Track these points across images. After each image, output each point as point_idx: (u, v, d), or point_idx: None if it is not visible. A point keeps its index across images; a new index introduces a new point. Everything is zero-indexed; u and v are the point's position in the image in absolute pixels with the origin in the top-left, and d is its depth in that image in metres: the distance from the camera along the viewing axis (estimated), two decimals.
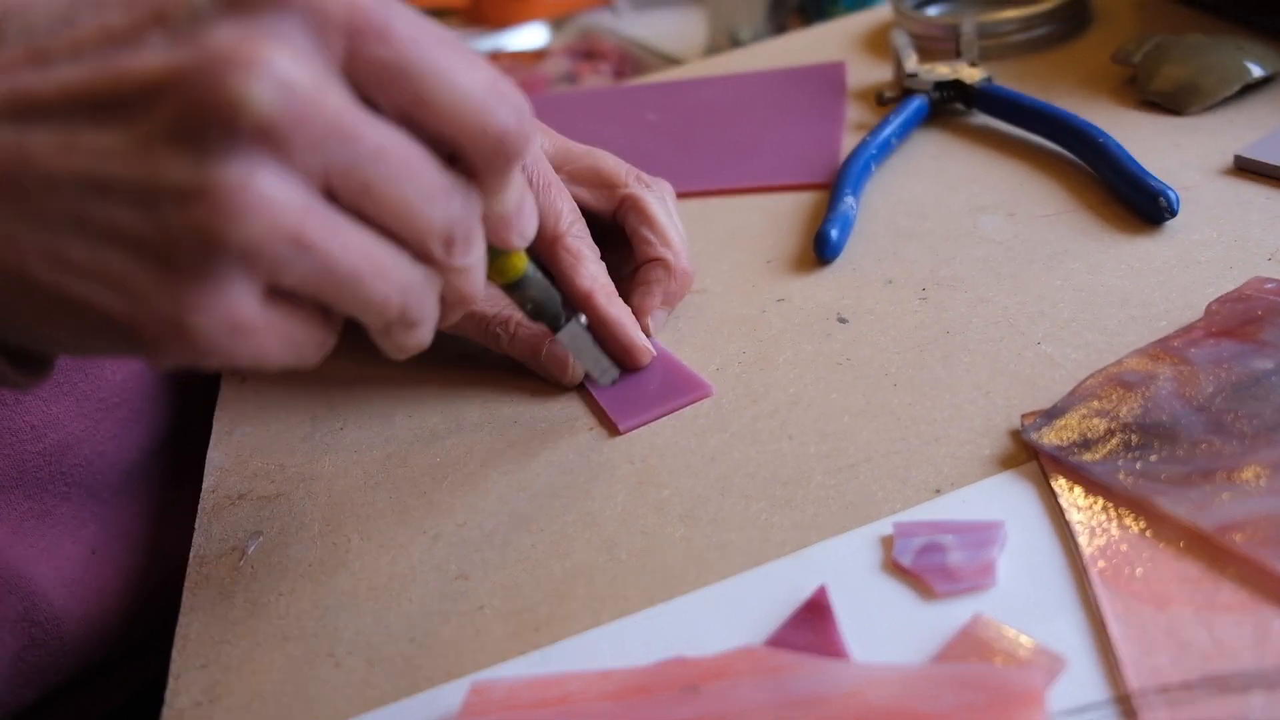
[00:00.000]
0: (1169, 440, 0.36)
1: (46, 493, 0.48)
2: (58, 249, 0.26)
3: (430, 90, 0.28)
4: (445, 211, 0.30)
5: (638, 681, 0.32)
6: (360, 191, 0.28)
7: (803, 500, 0.38)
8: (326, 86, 0.27)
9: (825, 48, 0.75)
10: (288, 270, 0.27)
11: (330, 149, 0.27)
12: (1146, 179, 0.48)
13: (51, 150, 0.26)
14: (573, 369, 0.46)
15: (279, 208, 0.26)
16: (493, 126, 0.29)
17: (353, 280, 0.28)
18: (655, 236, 0.48)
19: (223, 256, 0.26)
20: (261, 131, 0.25)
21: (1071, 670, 0.30)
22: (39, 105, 0.26)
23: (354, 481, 0.45)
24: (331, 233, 0.28)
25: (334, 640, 0.38)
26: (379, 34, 0.27)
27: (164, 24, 0.26)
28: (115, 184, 0.26)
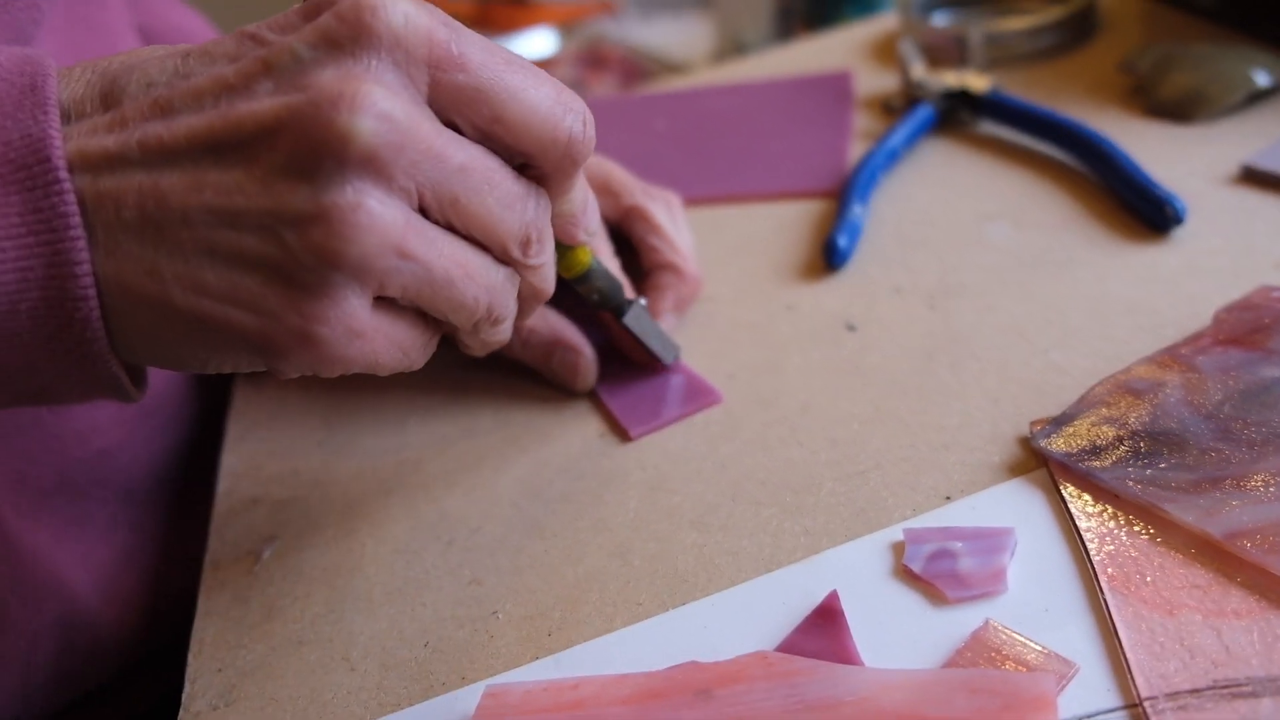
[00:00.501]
0: (1178, 447, 0.36)
1: (86, 498, 0.49)
2: (195, 276, 0.30)
3: (504, 108, 0.31)
4: (521, 216, 0.33)
5: (651, 686, 0.32)
6: (449, 204, 0.31)
7: (813, 507, 0.39)
8: (417, 114, 0.30)
9: (832, 55, 0.75)
10: (394, 279, 0.31)
11: (423, 169, 0.30)
12: (1153, 187, 0.49)
13: (182, 189, 0.29)
14: (584, 375, 0.46)
15: (385, 225, 0.29)
16: (561, 135, 0.33)
17: (447, 284, 0.32)
18: (663, 243, 0.49)
19: (340, 271, 0.29)
20: (367, 159, 0.29)
21: (1082, 676, 0.31)
22: (168, 150, 0.29)
23: (368, 487, 0.45)
24: (428, 243, 0.31)
25: (349, 645, 0.38)
26: (456, 63, 0.31)
27: (271, 72, 0.30)
28: (241, 215, 0.29)
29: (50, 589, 0.47)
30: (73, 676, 0.49)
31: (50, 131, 0.29)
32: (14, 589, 0.45)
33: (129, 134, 0.30)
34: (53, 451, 0.47)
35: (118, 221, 0.29)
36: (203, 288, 0.30)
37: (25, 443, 0.46)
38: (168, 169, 0.29)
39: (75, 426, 0.47)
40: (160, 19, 0.62)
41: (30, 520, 0.46)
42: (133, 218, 0.29)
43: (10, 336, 0.30)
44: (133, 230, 0.29)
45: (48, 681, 0.48)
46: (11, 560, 0.45)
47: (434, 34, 0.30)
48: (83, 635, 0.48)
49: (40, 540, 0.46)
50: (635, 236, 0.50)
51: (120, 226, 0.29)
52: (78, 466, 0.48)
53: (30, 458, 0.46)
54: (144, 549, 0.51)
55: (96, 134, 0.30)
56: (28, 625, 0.46)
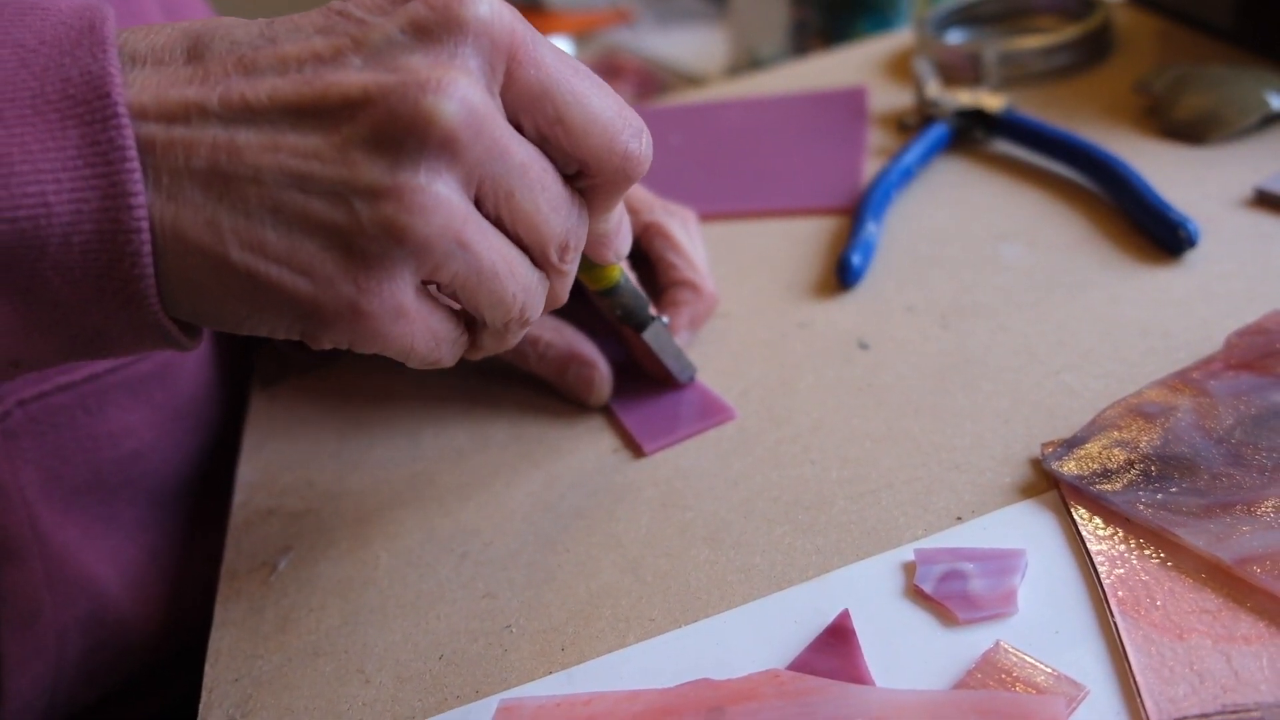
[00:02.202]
0: (1188, 472, 0.36)
1: (117, 498, 0.50)
2: (255, 233, 0.30)
3: (568, 111, 0.32)
4: (565, 221, 0.34)
5: (664, 702, 0.33)
6: (505, 198, 0.32)
7: (825, 525, 0.39)
8: (493, 106, 0.31)
9: (846, 71, 0.75)
10: (447, 264, 0.31)
11: (489, 161, 0.31)
12: (1166, 210, 0.49)
13: (258, 147, 0.30)
14: (598, 390, 0.47)
15: (452, 209, 0.30)
16: (619, 147, 0.33)
17: (493, 276, 0.32)
18: (681, 260, 0.50)
19: (403, 247, 0.30)
20: (446, 143, 0.30)
21: (1091, 699, 0.31)
22: (249, 108, 0.30)
23: (382, 499, 0.46)
24: (482, 234, 0.32)
25: (364, 656, 0.38)
26: (533, 59, 0.32)
27: (362, 49, 0.30)
28: (313, 180, 0.30)
29: (80, 585, 0.48)
30: (100, 672, 0.50)
31: (110, 69, 0.30)
32: (47, 583, 0.46)
33: (210, 87, 0.30)
34: (86, 451, 0.48)
35: (186, 169, 0.30)
36: (261, 246, 0.30)
37: (60, 441, 0.47)
38: (245, 126, 0.30)
39: (108, 427, 0.48)
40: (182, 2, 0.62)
41: (62, 517, 0.47)
42: (202, 167, 0.30)
43: (65, 270, 0.29)
44: (200, 179, 0.30)
45: (77, 676, 0.49)
46: (44, 555, 0.46)
47: (516, 28, 0.31)
48: (110, 632, 0.49)
49: (71, 537, 0.47)
50: (654, 253, 0.51)
51: (188, 174, 0.30)
52: (109, 466, 0.49)
53: (64, 456, 0.47)
54: (170, 550, 0.52)
55: (177, 85, 0.30)
56: (58, 619, 0.47)
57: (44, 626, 0.47)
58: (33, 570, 0.46)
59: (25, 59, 0.30)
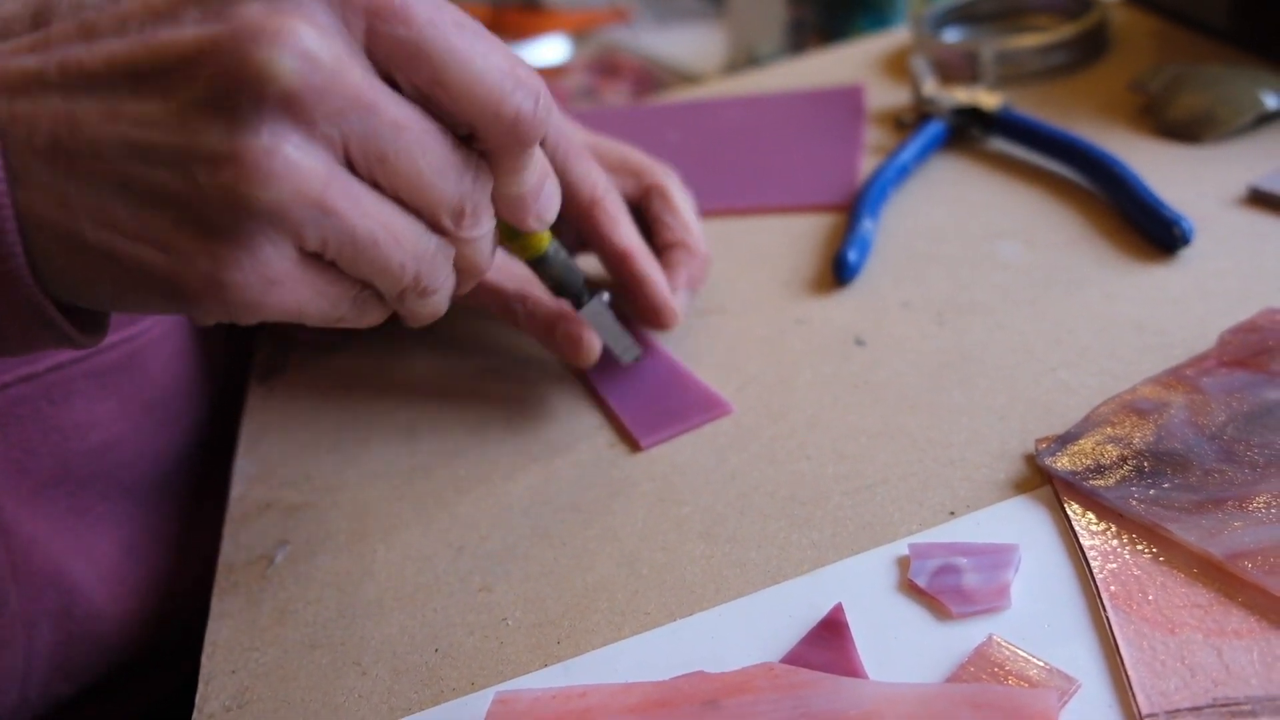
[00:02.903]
0: (1181, 468, 0.37)
1: (87, 491, 0.49)
2: (105, 209, 0.28)
3: (447, 71, 0.30)
4: (457, 186, 0.31)
5: (659, 695, 0.33)
6: (378, 161, 0.30)
7: (820, 520, 0.39)
8: (348, 61, 0.28)
9: (844, 69, 0.76)
10: (311, 232, 0.29)
11: (350, 120, 0.28)
12: (1161, 208, 0.49)
13: (97, 117, 0.28)
14: (586, 348, 0.46)
15: (303, 173, 0.28)
16: (507, 110, 0.31)
17: (370, 244, 0.30)
18: (677, 222, 0.51)
19: (253, 217, 0.28)
20: (286, 100, 0.27)
21: (1083, 692, 0.31)
22: (87, 76, 0.28)
23: (379, 493, 0.46)
24: (352, 200, 0.29)
25: (360, 649, 0.39)
26: (399, 15, 0.29)
27: (200, 0, 0.28)
28: (155, 149, 0.28)
29: (48, 577, 0.47)
30: (75, 666, 0.50)
31: None
32: (12, 574, 0.46)
33: (49, 56, 0.28)
34: (52, 442, 0.47)
35: (29, 147, 0.28)
36: (114, 223, 0.28)
37: (24, 432, 0.46)
38: (84, 95, 0.28)
39: (75, 419, 0.48)
40: None
41: (29, 509, 0.47)
42: (44, 144, 0.28)
43: None
44: (44, 157, 0.28)
45: (50, 668, 0.48)
46: (9, 547, 0.46)
47: None
48: (83, 626, 0.49)
49: (39, 530, 0.47)
50: (651, 213, 0.51)
51: (31, 152, 0.28)
52: (78, 458, 0.48)
53: (29, 448, 0.46)
54: (149, 545, 0.52)
55: (19, 55, 0.29)
56: (26, 610, 0.47)
57: (9, 617, 0.46)
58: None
59: None
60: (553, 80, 1.46)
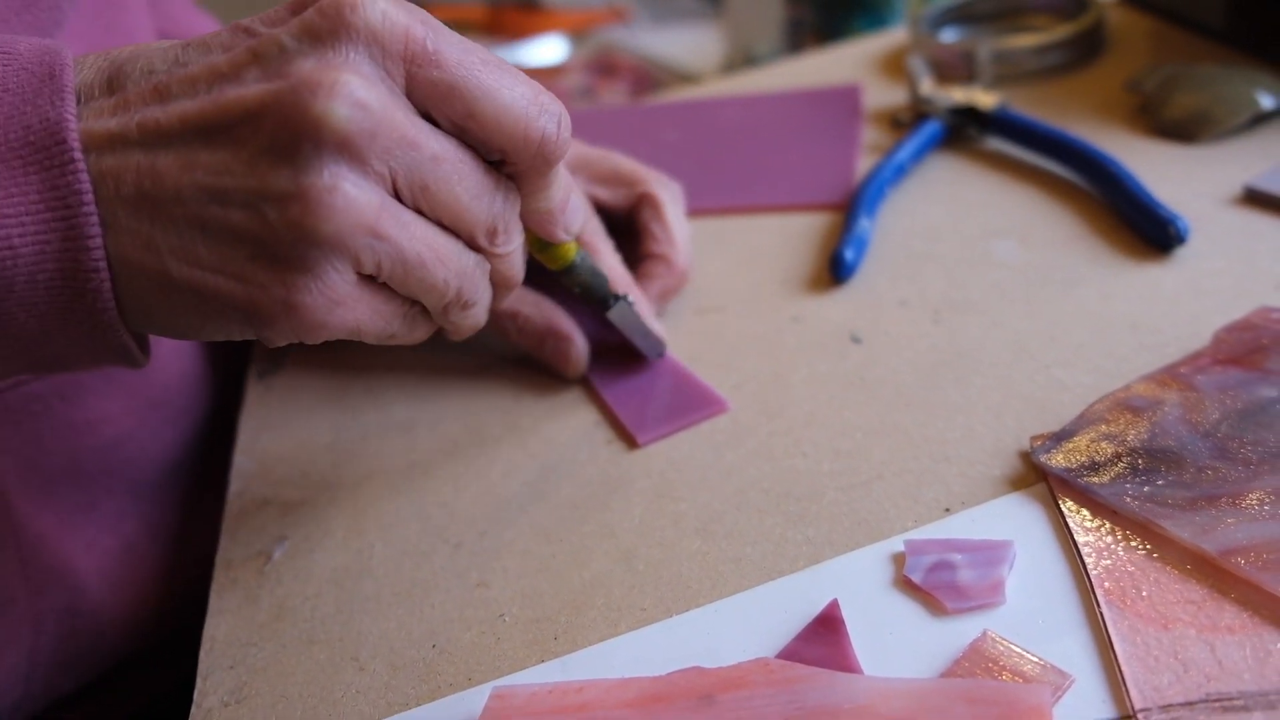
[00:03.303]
0: (1175, 465, 0.37)
1: (94, 486, 0.50)
2: (187, 248, 0.32)
3: (478, 105, 0.34)
4: (489, 207, 0.35)
5: (655, 690, 0.33)
6: (421, 190, 0.33)
7: (816, 516, 0.39)
8: (391, 104, 0.32)
9: (841, 69, 0.76)
10: (368, 256, 0.33)
11: (396, 156, 0.32)
12: (1156, 207, 0.49)
13: (176, 168, 0.32)
14: (574, 361, 0.48)
15: (359, 206, 0.32)
16: (533, 134, 0.34)
17: (418, 264, 0.34)
18: (662, 233, 0.51)
19: (317, 246, 0.32)
20: (342, 143, 0.31)
21: (1077, 687, 0.31)
22: (163, 133, 0.32)
23: (377, 490, 0.46)
24: (400, 225, 0.33)
25: (358, 645, 0.39)
26: (432, 60, 0.33)
27: (258, 61, 0.32)
28: (229, 193, 0.31)
29: (55, 574, 0.48)
30: (77, 663, 0.50)
31: (67, 116, 0.31)
32: (20, 571, 0.47)
33: (129, 116, 0.32)
34: (62, 439, 0.48)
35: (117, 197, 0.31)
36: (196, 259, 0.32)
37: (36, 428, 0.47)
38: (163, 150, 0.32)
39: (85, 415, 0.49)
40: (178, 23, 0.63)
41: (38, 505, 0.47)
42: (130, 194, 0.31)
43: (29, 305, 0.32)
44: (130, 206, 0.31)
45: (52, 665, 0.49)
46: (18, 543, 0.46)
47: (410, 30, 0.32)
48: (86, 622, 0.50)
49: (47, 525, 0.48)
50: (640, 222, 0.52)
51: (119, 202, 0.32)
52: (87, 455, 0.49)
53: (40, 444, 0.47)
54: (150, 542, 0.52)
55: (101, 116, 0.32)
56: (33, 608, 0.47)
57: (19, 615, 0.47)
58: (8, 559, 0.46)
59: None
60: (551, 80, 1.46)
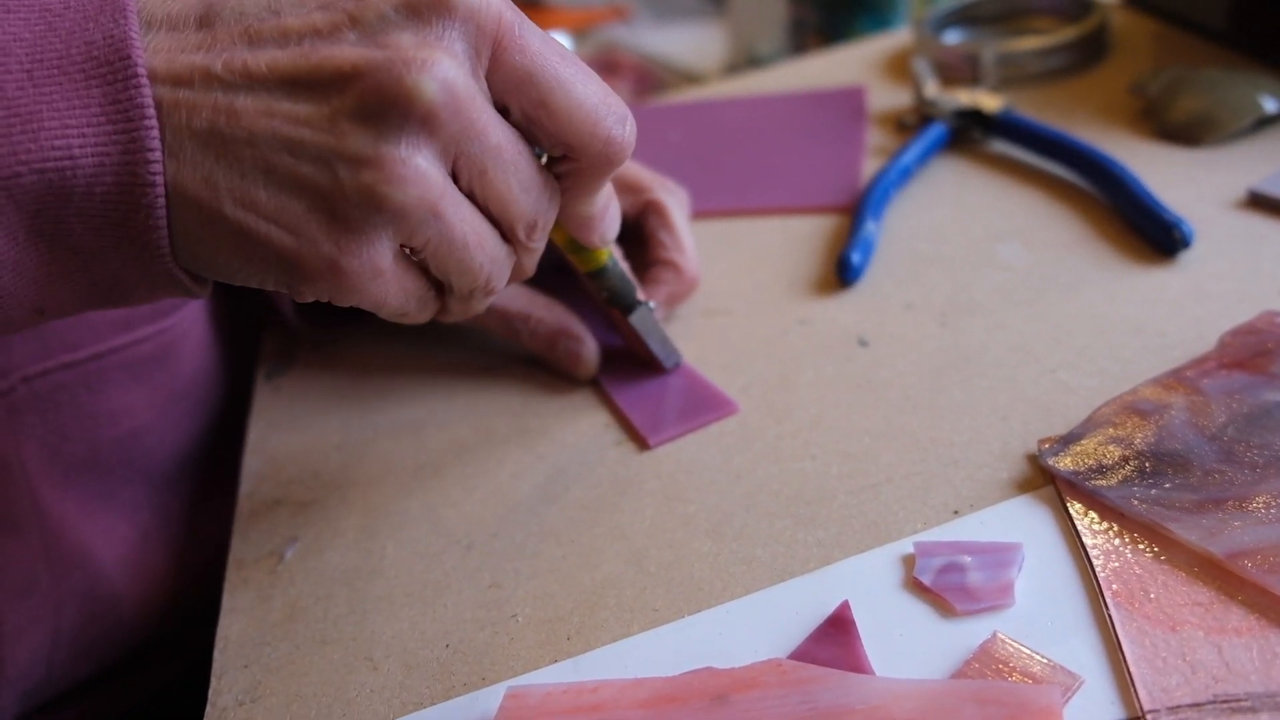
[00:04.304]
0: (1182, 468, 0.37)
1: (114, 476, 0.51)
2: (248, 192, 0.32)
3: (552, 95, 0.34)
4: (536, 204, 0.36)
5: (669, 690, 0.33)
6: (478, 175, 0.34)
7: (826, 518, 0.40)
8: (474, 88, 0.33)
9: (845, 70, 0.76)
10: (421, 232, 0.33)
11: (467, 139, 0.33)
12: (1161, 211, 0.50)
13: (255, 112, 0.32)
14: (585, 363, 0.49)
15: (428, 181, 0.32)
16: (600, 133, 0.35)
17: (463, 247, 0.35)
18: (670, 240, 0.52)
19: (381, 213, 0.32)
20: (426, 119, 0.32)
21: (1086, 689, 0.32)
22: (250, 76, 0.32)
23: (387, 491, 0.46)
24: (455, 207, 0.34)
25: (371, 644, 0.39)
26: (517, 44, 0.33)
27: (357, 26, 0.32)
28: (303, 146, 0.32)
29: (77, 559, 0.49)
30: (95, 648, 0.51)
31: (130, 34, 0.32)
32: (44, 556, 0.48)
33: (215, 55, 0.32)
34: (86, 428, 0.49)
35: (187, 128, 0.32)
36: (253, 204, 0.32)
37: (61, 417, 0.48)
38: (244, 93, 0.32)
39: (109, 406, 0.50)
40: None
41: (61, 492, 0.49)
42: (202, 127, 0.32)
43: (85, 217, 0.32)
44: (200, 139, 0.32)
45: (73, 648, 0.50)
46: (43, 529, 0.48)
47: (504, 14, 0.33)
48: (104, 607, 0.51)
49: (69, 512, 0.49)
50: (647, 228, 0.52)
51: (189, 133, 0.32)
52: (108, 445, 0.50)
53: (65, 433, 0.48)
54: (165, 531, 0.54)
55: (186, 50, 0.32)
56: (55, 591, 0.49)
57: (41, 598, 0.48)
58: (31, 543, 0.47)
59: (52, 23, 0.31)
60: None
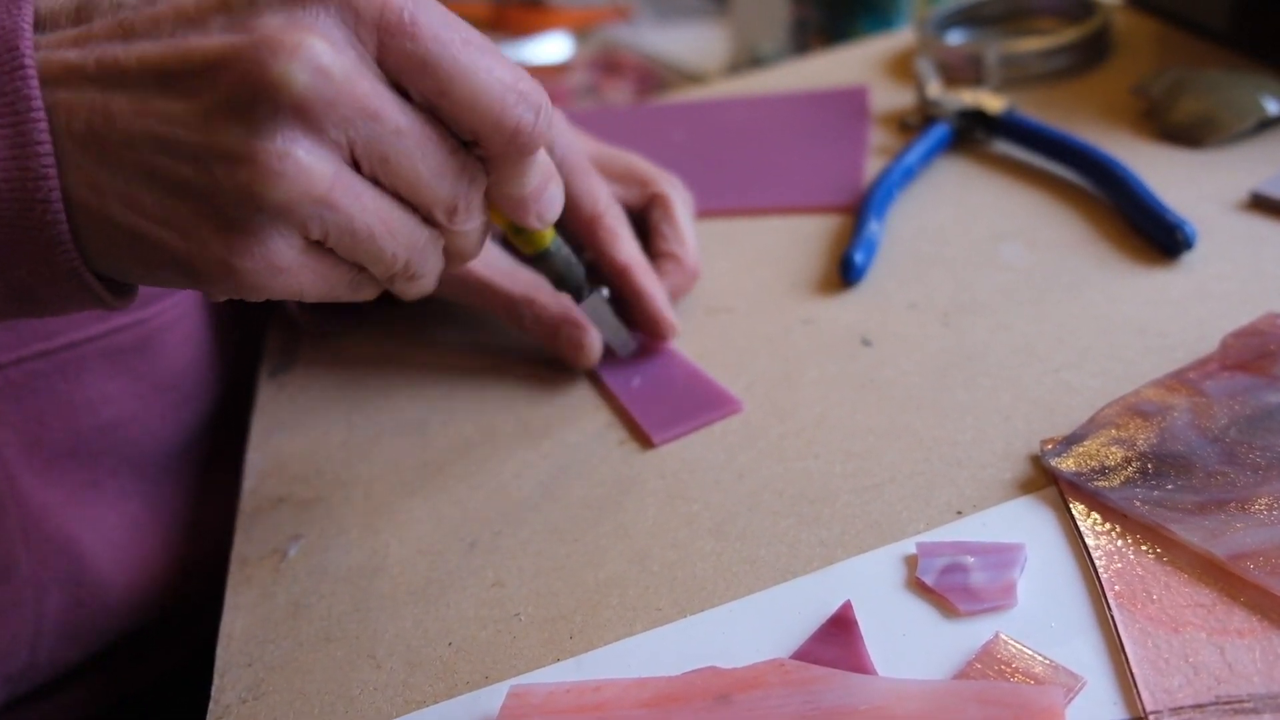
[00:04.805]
0: (1184, 470, 0.37)
1: (98, 465, 0.51)
2: (133, 195, 0.31)
3: (451, 84, 0.32)
4: (453, 187, 0.34)
5: (671, 690, 0.34)
6: (380, 162, 0.32)
7: (829, 518, 0.40)
8: (355, 73, 0.31)
9: (847, 70, 0.76)
10: (315, 225, 0.32)
11: (356, 126, 0.31)
12: (1164, 212, 0.50)
13: (129, 111, 0.30)
14: (588, 351, 0.49)
15: (311, 174, 0.31)
16: (507, 122, 0.33)
17: (367, 237, 0.33)
18: (673, 233, 0.52)
19: (263, 212, 0.31)
20: (299, 108, 0.30)
21: (1089, 689, 0.32)
22: (121, 72, 0.30)
23: (391, 488, 0.46)
24: (353, 196, 0.32)
25: (374, 643, 0.39)
26: (407, 32, 0.31)
27: (227, 10, 0.30)
28: (179, 145, 0.30)
29: (58, 545, 0.49)
30: (82, 633, 0.51)
31: (21, 24, 0.31)
32: (23, 540, 0.48)
33: (89, 51, 0.31)
34: (63, 416, 0.49)
35: (67, 133, 0.30)
36: (139, 207, 0.31)
37: (38, 405, 0.48)
38: (119, 90, 0.30)
39: (86, 395, 0.50)
40: None
41: (43, 479, 0.49)
42: (81, 130, 0.30)
43: None
44: (79, 143, 0.30)
45: (57, 634, 0.50)
46: (21, 513, 0.48)
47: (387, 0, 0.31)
48: (92, 594, 0.51)
49: (53, 499, 0.49)
50: (651, 222, 0.53)
51: (69, 137, 0.30)
52: (89, 433, 0.50)
53: (43, 420, 0.48)
54: (156, 521, 0.54)
55: (62, 46, 0.31)
56: (35, 576, 0.49)
57: (21, 582, 0.48)
58: (9, 527, 0.47)
59: None
60: (555, 78, 1.46)
